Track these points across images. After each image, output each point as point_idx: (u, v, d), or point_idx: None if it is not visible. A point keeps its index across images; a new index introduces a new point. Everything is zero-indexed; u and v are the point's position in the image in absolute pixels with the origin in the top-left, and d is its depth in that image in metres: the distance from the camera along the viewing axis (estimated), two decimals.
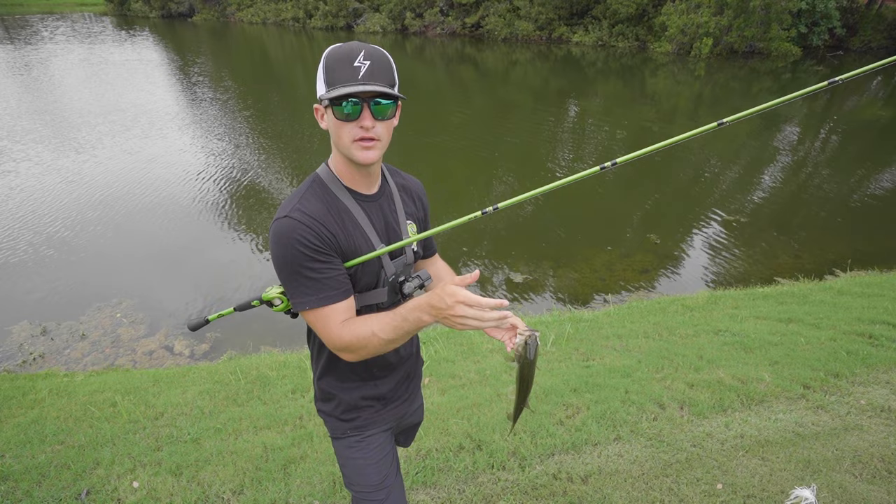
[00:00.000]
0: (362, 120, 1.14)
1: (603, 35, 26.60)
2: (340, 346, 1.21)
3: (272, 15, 38.16)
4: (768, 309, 4.61)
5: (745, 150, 11.65)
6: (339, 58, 1.12)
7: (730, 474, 2.43)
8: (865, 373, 3.22)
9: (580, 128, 14.00)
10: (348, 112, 1.13)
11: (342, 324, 1.21)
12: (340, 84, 1.11)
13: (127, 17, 46.47)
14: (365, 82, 1.11)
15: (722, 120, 1.18)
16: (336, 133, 1.18)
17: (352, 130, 1.16)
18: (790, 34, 22.69)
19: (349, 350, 1.21)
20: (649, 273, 6.49)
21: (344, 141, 1.18)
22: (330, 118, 1.17)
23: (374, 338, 1.16)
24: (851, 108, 16.26)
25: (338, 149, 1.23)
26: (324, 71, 1.13)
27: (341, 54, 1.12)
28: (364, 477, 1.47)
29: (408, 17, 31.70)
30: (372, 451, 1.48)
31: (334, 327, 1.21)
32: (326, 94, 1.12)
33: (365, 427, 1.47)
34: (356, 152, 1.18)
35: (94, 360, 4.89)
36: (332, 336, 1.21)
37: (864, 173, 10.35)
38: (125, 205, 8.28)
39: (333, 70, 1.12)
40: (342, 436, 1.47)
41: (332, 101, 1.12)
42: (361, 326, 1.19)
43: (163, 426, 3.07)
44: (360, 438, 1.47)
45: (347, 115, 1.13)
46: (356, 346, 1.19)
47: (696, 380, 3.21)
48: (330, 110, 1.15)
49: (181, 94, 16.77)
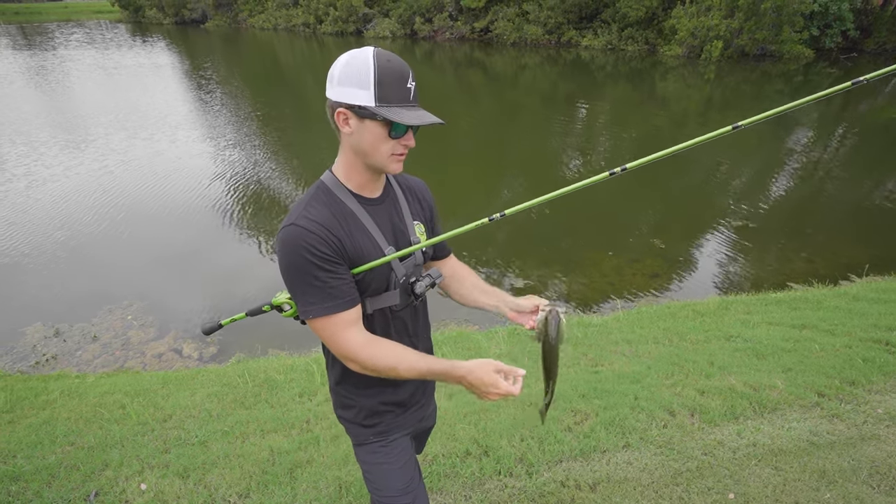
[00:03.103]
0: (408, 139, 1.20)
1: (612, 39, 26.52)
2: (352, 359, 1.24)
3: (283, 21, 38.59)
4: (781, 315, 4.53)
5: (757, 154, 11.51)
6: (394, 75, 1.14)
7: (742, 484, 2.38)
8: (882, 381, 3.15)
9: (589, 132, 13.94)
10: (399, 131, 1.18)
11: (361, 341, 1.24)
12: (396, 104, 1.14)
13: (141, 24, 47.30)
14: (415, 105, 1.18)
15: (737, 123, 1.15)
16: (374, 146, 1.19)
17: (394, 146, 1.20)
18: (802, 36, 22.45)
19: (360, 366, 1.25)
20: (659, 278, 6.42)
21: (382, 155, 1.21)
22: (371, 130, 1.17)
23: (392, 372, 1.24)
24: (866, 111, 16.02)
25: (367, 159, 1.23)
26: (376, 84, 1.12)
27: (395, 71, 1.14)
28: (389, 481, 1.46)
29: (417, 22, 31.87)
30: (396, 456, 1.48)
31: (340, 337, 1.22)
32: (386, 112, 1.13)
33: (388, 432, 1.47)
34: (391, 165, 1.23)
35: (105, 361, 4.94)
36: (341, 346, 1.23)
37: (878, 177, 10.18)
38: (138, 208, 8.37)
39: (388, 86, 1.13)
40: (365, 442, 1.48)
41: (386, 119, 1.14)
42: (382, 358, 1.24)
43: (171, 428, 3.08)
44: (383, 444, 1.47)
45: (398, 134, 1.18)
46: (369, 368, 1.25)
47: (707, 386, 3.16)
48: (374, 124, 1.16)
49: (193, 100, 16.98)
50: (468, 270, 1.54)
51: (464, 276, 1.52)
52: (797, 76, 20.59)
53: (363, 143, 1.19)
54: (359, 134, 1.18)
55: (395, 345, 1.27)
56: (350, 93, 1.14)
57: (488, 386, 1.17)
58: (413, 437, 1.66)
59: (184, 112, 15.05)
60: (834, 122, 14.61)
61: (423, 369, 1.22)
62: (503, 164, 11.15)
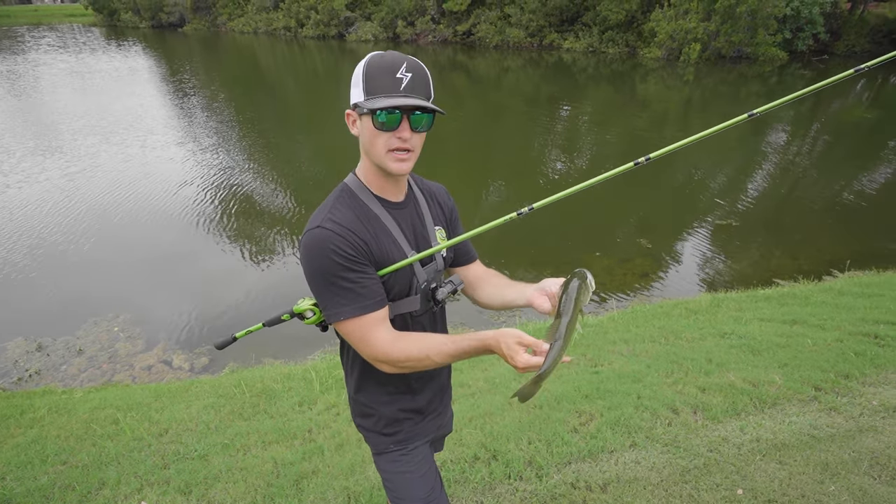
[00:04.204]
0: (400, 131, 1.14)
1: (593, 41, 26.87)
2: (383, 359, 1.21)
3: (263, 24, 38.18)
4: (771, 311, 4.62)
5: (735, 155, 11.75)
6: (382, 68, 1.12)
7: (749, 479, 2.41)
8: (875, 373, 3.23)
9: (573, 133, 14.08)
10: (384, 121, 1.12)
11: (390, 338, 1.21)
12: (382, 94, 1.11)
13: (117, 28, 46.32)
14: (406, 94, 1.12)
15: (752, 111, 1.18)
16: (370, 142, 1.17)
17: (388, 140, 1.15)
18: (776, 39, 23.03)
19: (392, 364, 1.22)
20: (649, 277, 6.50)
21: (378, 150, 1.17)
22: (365, 126, 1.16)
23: (427, 360, 1.19)
24: (837, 111, 16.51)
25: (370, 157, 1.22)
26: (364, 79, 1.12)
27: (384, 64, 1.12)
28: (411, 490, 1.44)
29: (399, 26, 31.85)
30: (417, 464, 1.46)
31: (372, 337, 1.20)
32: (366, 103, 1.11)
33: (408, 440, 1.46)
34: (390, 163, 1.18)
35: (92, 375, 4.79)
36: (373, 347, 1.20)
37: (851, 175, 10.47)
38: (118, 216, 8.17)
39: (374, 79, 1.11)
40: (385, 450, 1.46)
41: (371, 110, 1.11)
42: (415, 347, 1.20)
43: (168, 443, 3.00)
44: (404, 452, 1.45)
45: (385, 125, 1.13)
46: (402, 363, 1.21)
47: (707, 384, 3.19)
48: (367, 119, 1.14)
49: (173, 105, 16.67)
50: (496, 273, 1.51)
51: (491, 279, 1.49)
52: (772, 77, 21.13)
53: (364, 140, 1.20)
54: (361, 133, 1.20)
55: (422, 334, 1.26)
56: (351, 93, 1.17)
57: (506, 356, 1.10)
58: (431, 443, 1.65)
59: (163, 117, 14.75)
60: (808, 121, 15.02)
61: (452, 351, 1.18)
62: (488, 165, 11.19)
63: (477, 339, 1.15)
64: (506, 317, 5.55)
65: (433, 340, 1.21)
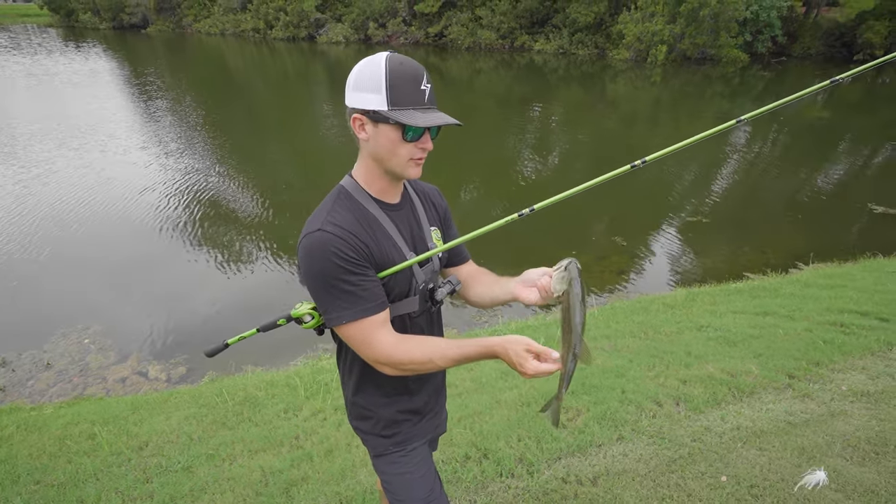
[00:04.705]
0: (424, 142, 1.18)
1: (563, 43, 27.32)
2: (386, 361, 1.21)
3: (231, 26, 37.41)
4: (744, 303, 4.79)
5: (701, 153, 12.12)
6: (406, 77, 1.12)
7: (732, 466, 2.49)
8: (843, 360, 3.39)
9: (544, 134, 14.27)
10: (414, 134, 1.15)
11: (392, 341, 1.21)
12: (410, 106, 1.13)
13: (75, 29, 44.59)
14: (430, 106, 1.16)
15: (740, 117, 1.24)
16: (391, 150, 1.18)
17: (411, 150, 1.18)
18: (737, 41, 23.90)
19: (393, 367, 1.22)
20: (626, 274, 6.64)
21: (400, 159, 1.19)
22: (386, 135, 1.16)
23: (430, 364, 1.20)
24: (795, 111, 17.22)
25: (385, 164, 1.21)
26: (388, 87, 1.11)
27: (408, 73, 1.13)
28: (412, 491, 1.44)
29: (371, 27, 31.71)
30: (416, 465, 1.46)
31: (374, 340, 1.20)
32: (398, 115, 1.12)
33: (407, 441, 1.45)
34: (409, 170, 1.21)
35: (62, 390, 4.60)
36: (375, 350, 1.20)
37: (809, 172, 10.95)
38: (82, 224, 7.86)
39: (400, 89, 1.12)
40: (385, 452, 1.45)
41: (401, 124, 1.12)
42: (418, 350, 1.20)
43: (149, 456, 2.91)
44: (403, 453, 1.45)
45: (413, 137, 1.16)
46: (405, 366, 1.21)
47: (687, 376, 3.29)
48: (389, 128, 1.14)
49: (136, 108, 16.15)
50: (485, 272, 1.53)
51: (481, 278, 1.50)
52: (735, 78, 21.90)
53: (379, 148, 1.18)
54: (374, 139, 1.17)
55: (425, 337, 1.26)
56: (364, 98, 1.14)
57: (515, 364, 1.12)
58: (428, 444, 1.66)
59: (126, 121, 14.27)
60: (768, 121, 15.62)
61: (457, 355, 1.18)
62: (462, 166, 11.24)
63: (482, 344, 1.17)
64: (487, 316, 5.58)
65: (437, 344, 1.21)
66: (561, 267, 1.13)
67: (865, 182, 10.46)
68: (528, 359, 1.11)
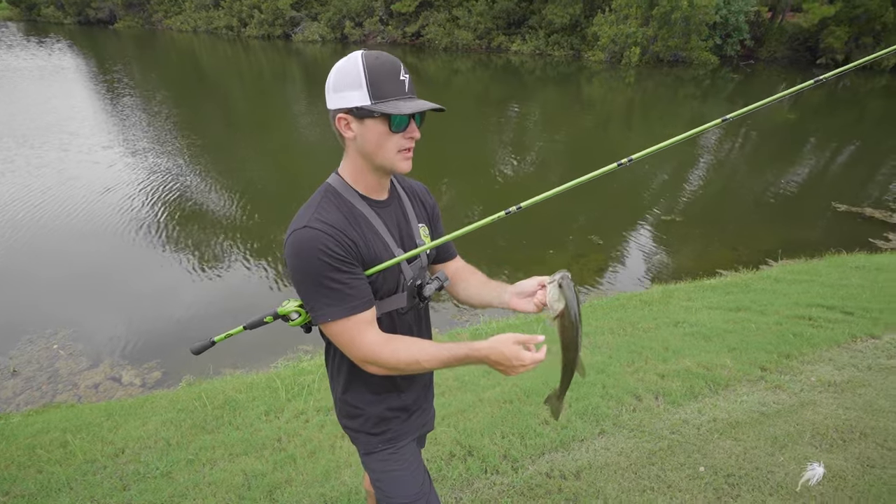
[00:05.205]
0: (411, 131, 1.18)
1: (540, 44, 27.57)
2: (372, 360, 1.21)
3: (203, 23, 36.54)
4: (717, 299, 4.93)
5: (673, 153, 12.42)
6: (384, 71, 1.13)
7: (709, 457, 2.57)
8: (811, 352, 3.52)
9: (521, 134, 14.39)
10: (400, 124, 1.15)
11: (380, 340, 1.21)
12: (392, 97, 1.13)
13: (37, 24, 42.91)
14: (412, 96, 1.17)
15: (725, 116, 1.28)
16: (379, 144, 1.18)
17: (399, 141, 1.18)
18: (708, 45, 24.53)
19: (380, 366, 1.22)
20: (603, 272, 6.76)
21: (389, 152, 1.19)
22: (373, 129, 1.16)
23: (416, 365, 1.20)
24: (764, 112, 17.78)
25: (374, 160, 1.21)
26: (368, 81, 1.12)
27: (386, 66, 1.14)
28: (402, 488, 1.45)
29: (347, 27, 31.41)
30: (406, 462, 1.47)
31: (361, 338, 1.19)
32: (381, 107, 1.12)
33: (396, 439, 1.46)
34: (399, 163, 1.21)
35: (30, 398, 4.44)
36: (361, 349, 1.20)
37: (777, 171, 11.32)
38: (47, 226, 7.58)
39: (381, 82, 1.13)
40: (374, 450, 1.45)
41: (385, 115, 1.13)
42: (405, 351, 1.20)
43: (126, 463, 2.83)
44: (393, 450, 1.45)
45: (399, 127, 1.16)
46: (391, 366, 1.21)
47: (665, 370, 3.37)
48: (376, 122, 1.15)
49: (103, 107, 15.65)
50: (473, 270, 1.54)
51: (468, 276, 1.51)
52: (706, 80, 22.48)
53: (367, 143, 1.18)
54: (362, 136, 1.18)
55: (413, 339, 1.27)
56: (346, 97, 1.15)
57: (511, 360, 1.13)
58: (416, 441, 1.67)
59: (93, 120, 13.81)
60: (738, 122, 16.09)
61: (445, 357, 1.19)
62: (441, 165, 11.26)
63: (471, 347, 1.18)
64: (469, 315, 5.60)
65: (424, 346, 1.22)
66: (555, 282, 1.15)
67: (828, 181, 10.88)
68: (521, 350, 1.13)
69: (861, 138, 14.10)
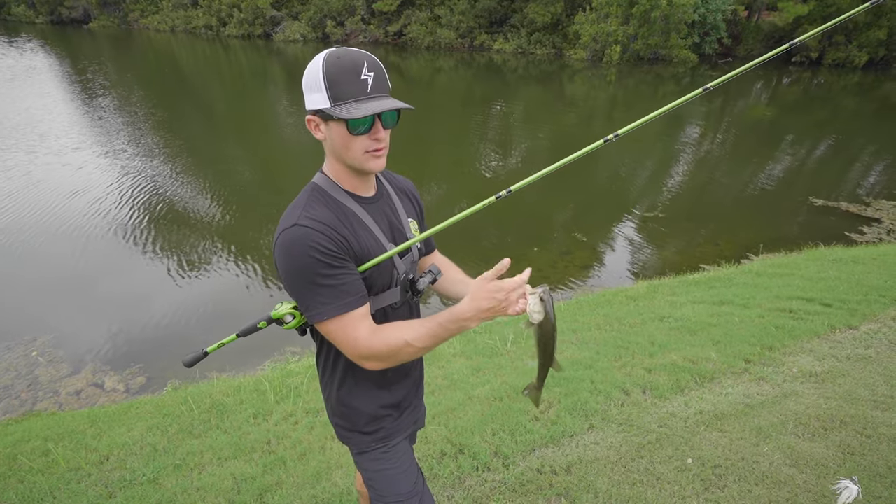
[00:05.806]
0: (375, 132, 1.16)
1: (522, 43, 27.67)
2: (368, 355, 1.20)
3: (181, 22, 35.85)
4: (701, 294, 5.01)
5: (655, 149, 12.59)
6: (344, 70, 1.10)
7: (696, 449, 2.61)
8: (793, 344, 3.60)
9: (505, 131, 14.44)
10: (359, 127, 1.13)
11: (370, 332, 1.19)
12: (350, 99, 1.10)
13: (7, 23, 41.69)
14: (374, 95, 1.12)
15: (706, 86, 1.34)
16: (344, 146, 1.17)
17: (364, 143, 1.16)
18: (687, 43, 24.90)
19: (377, 359, 1.20)
20: (589, 268, 6.83)
21: (355, 153, 1.17)
22: (336, 132, 1.15)
23: (407, 347, 1.18)
24: (742, 109, 18.14)
25: (344, 160, 1.21)
26: (327, 83, 1.10)
27: (346, 66, 1.10)
28: (396, 486, 1.45)
29: (329, 26, 31.12)
30: (399, 460, 1.47)
31: (357, 335, 1.18)
32: (337, 110, 1.10)
33: (389, 437, 1.45)
34: (368, 163, 1.19)
35: (8, 406, 4.32)
36: (357, 344, 1.19)
37: (756, 167, 11.54)
38: (22, 230, 7.38)
39: (339, 84, 1.10)
40: (367, 450, 1.44)
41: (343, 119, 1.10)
42: (392, 335, 1.19)
43: (111, 470, 2.78)
44: (385, 449, 1.45)
45: (360, 130, 1.13)
46: (386, 355, 1.19)
47: (652, 364, 3.42)
48: (338, 125, 1.13)
49: (78, 108, 15.27)
50: (451, 264, 1.55)
51: (447, 270, 1.52)
52: (685, 78, 22.82)
53: (335, 145, 1.19)
54: (329, 138, 1.18)
55: (397, 323, 1.25)
56: (312, 99, 1.14)
57: (496, 293, 1.11)
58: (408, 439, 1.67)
59: (69, 122, 13.47)
60: (718, 118, 16.39)
61: (431, 327, 1.17)
62: (426, 163, 11.25)
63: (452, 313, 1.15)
64: None
65: (409, 325, 1.21)
66: (537, 294, 1.16)
67: (805, 177, 11.13)
68: (499, 282, 1.13)
69: (835, 134, 14.45)
